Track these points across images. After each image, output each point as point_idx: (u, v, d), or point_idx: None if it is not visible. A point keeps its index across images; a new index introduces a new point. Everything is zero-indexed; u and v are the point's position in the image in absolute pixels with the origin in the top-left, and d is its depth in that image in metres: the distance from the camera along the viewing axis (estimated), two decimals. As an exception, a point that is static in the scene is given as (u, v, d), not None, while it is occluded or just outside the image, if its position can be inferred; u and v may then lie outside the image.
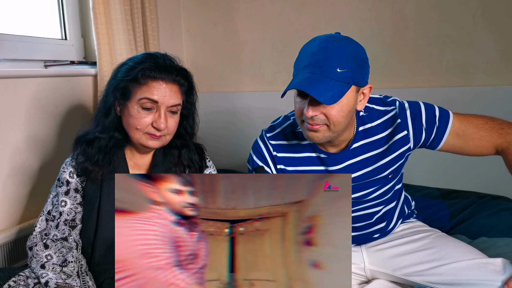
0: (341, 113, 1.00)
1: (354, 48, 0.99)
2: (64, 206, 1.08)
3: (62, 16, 1.75)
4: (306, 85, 0.96)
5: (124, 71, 1.06)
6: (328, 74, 0.96)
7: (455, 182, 1.78)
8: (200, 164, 1.19)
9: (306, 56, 1.00)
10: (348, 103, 1.00)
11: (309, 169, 1.16)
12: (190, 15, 2.41)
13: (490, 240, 1.26)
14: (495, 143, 1.09)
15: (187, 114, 1.15)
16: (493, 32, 1.79)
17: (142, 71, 1.03)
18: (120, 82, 1.06)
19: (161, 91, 1.03)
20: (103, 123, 1.08)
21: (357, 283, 1.21)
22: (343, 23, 2.04)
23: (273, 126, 1.23)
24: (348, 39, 1.01)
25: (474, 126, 1.10)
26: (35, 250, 1.05)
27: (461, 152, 1.14)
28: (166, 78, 1.04)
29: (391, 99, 1.15)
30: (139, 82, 1.03)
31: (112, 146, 1.09)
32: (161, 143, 1.09)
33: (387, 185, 1.18)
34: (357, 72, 0.98)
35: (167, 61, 1.07)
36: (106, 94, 1.10)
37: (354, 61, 0.98)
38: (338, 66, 0.96)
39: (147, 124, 1.04)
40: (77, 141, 1.10)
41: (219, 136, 2.32)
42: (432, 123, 1.11)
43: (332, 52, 0.97)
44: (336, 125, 1.01)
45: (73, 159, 1.11)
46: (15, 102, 1.43)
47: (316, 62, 0.97)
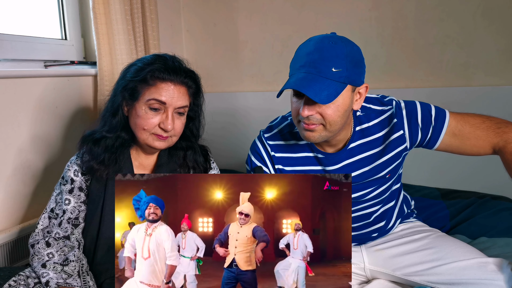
0: (337, 112, 1.00)
1: (350, 48, 0.99)
2: (67, 204, 1.08)
3: (62, 16, 1.75)
4: (302, 84, 0.96)
5: (133, 71, 1.07)
6: (323, 74, 0.96)
7: (455, 182, 1.78)
8: (205, 166, 1.20)
9: (302, 56, 1.00)
10: (344, 102, 1.00)
11: (307, 169, 1.17)
12: (190, 15, 2.41)
13: (490, 240, 1.26)
14: (492, 142, 1.08)
15: (194, 116, 1.16)
16: (493, 32, 1.79)
17: (151, 72, 1.04)
18: (128, 83, 1.06)
19: (169, 93, 1.04)
20: (110, 123, 1.09)
21: (357, 283, 1.21)
22: (343, 23, 2.04)
23: (271, 127, 1.23)
24: (344, 39, 1.01)
25: (471, 125, 1.09)
26: (37, 247, 1.05)
27: (458, 151, 1.13)
28: (174, 79, 1.05)
29: (388, 99, 1.15)
30: (148, 83, 1.04)
31: (118, 146, 1.10)
32: (167, 144, 1.09)
33: (384, 185, 1.18)
34: (352, 71, 0.99)
35: (176, 63, 1.08)
36: (114, 94, 1.10)
37: (349, 60, 0.98)
38: (333, 66, 0.96)
39: (154, 124, 1.04)
40: (84, 139, 1.10)
41: (218, 136, 2.32)
42: (428, 122, 1.10)
43: (327, 52, 0.97)
44: (332, 124, 1.02)
45: (79, 158, 1.11)
46: (15, 102, 1.43)
47: (311, 62, 0.97)
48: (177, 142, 1.13)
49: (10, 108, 1.42)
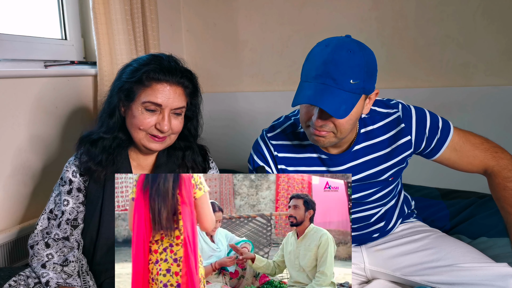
0: (349, 121, 1.00)
1: (367, 57, 0.98)
2: (66, 205, 1.08)
3: (62, 16, 1.75)
4: (320, 99, 0.93)
5: (129, 72, 1.06)
6: (341, 86, 0.94)
7: (455, 182, 1.78)
8: (204, 166, 1.20)
9: (318, 64, 0.97)
10: (356, 112, 1.00)
11: (310, 169, 1.16)
12: (190, 15, 2.41)
13: (490, 240, 1.26)
14: (488, 164, 1.12)
15: (192, 116, 1.15)
16: (493, 32, 1.79)
17: (146, 73, 1.03)
18: (124, 84, 1.05)
19: (165, 94, 1.03)
20: (107, 124, 1.08)
21: (357, 283, 1.21)
22: (343, 23, 2.04)
23: (274, 126, 1.23)
24: (361, 45, 0.99)
25: (471, 144, 1.13)
26: (36, 249, 1.05)
27: (453, 166, 1.16)
28: (170, 80, 1.04)
29: (394, 102, 1.15)
30: (143, 84, 1.03)
31: (116, 147, 1.09)
32: (164, 145, 1.09)
33: (387, 188, 1.18)
34: (368, 82, 0.98)
35: (172, 62, 1.07)
36: (110, 95, 1.10)
37: (366, 71, 0.96)
38: (352, 78, 0.94)
39: (151, 125, 1.04)
40: (81, 140, 1.10)
41: (219, 136, 2.32)
42: (434, 133, 1.11)
43: (346, 63, 0.94)
44: (343, 132, 1.02)
45: (77, 159, 1.11)
46: (15, 102, 1.43)
47: (329, 72, 0.94)
48: (175, 142, 1.13)
49: (10, 108, 1.42)
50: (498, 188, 1.10)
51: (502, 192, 1.10)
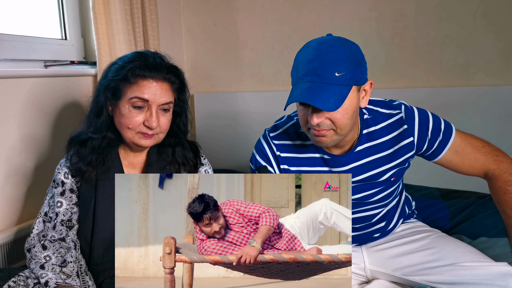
0: (345, 115, 1.00)
1: (349, 48, 0.99)
2: (60, 206, 1.08)
3: (62, 16, 1.74)
4: (307, 96, 0.95)
5: (114, 70, 1.06)
6: (327, 80, 0.96)
7: (455, 182, 1.78)
8: (195, 162, 1.18)
9: (302, 64, 0.99)
10: (351, 104, 1.00)
11: (313, 169, 1.16)
12: (190, 15, 2.41)
13: (490, 240, 1.26)
14: (489, 167, 1.12)
15: (180, 112, 1.14)
16: (493, 32, 1.79)
17: (131, 70, 1.02)
18: (110, 82, 1.05)
19: (152, 90, 1.03)
20: (95, 124, 1.08)
21: (357, 283, 1.21)
22: (343, 23, 2.04)
23: (276, 126, 1.23)
24: (341, 40, 1.01)
25: (473, 147, 1.13)
26: (34, 251, 1.05)
27: (454, 168, 1.16)
28: (156, 76, 1.04)
29: (396, 103, 1.15)
30: (129, 81, 1.03)
31: (105, 146, 1.09)
32: (154, 142, 1.08)
33: (389, 188, 1.18)
34: (355, 72, 0.98)
35: (157, 59, 1.06)
36: (97, 94, 1.09)
37: (350, 61, 0.97)
38: (336, 70, 0.96)
39: (139, 123, 1.03)
40: (70, 141, 1.10)
41: (219, 136, 2.32)
42: (436, 135, 1.11)
43: (327, 57, 0.96)
44: (342, 128, 1.02)
45: (67, 160, 1.10)
46: (15, 102, 1.43)
47: (313, 70, 0.97)
48: (165, 139, 1.12)
49: (10, 108, 1.42)
50: (499, 192, 1.10)
51: (502, 196, 1.10)
